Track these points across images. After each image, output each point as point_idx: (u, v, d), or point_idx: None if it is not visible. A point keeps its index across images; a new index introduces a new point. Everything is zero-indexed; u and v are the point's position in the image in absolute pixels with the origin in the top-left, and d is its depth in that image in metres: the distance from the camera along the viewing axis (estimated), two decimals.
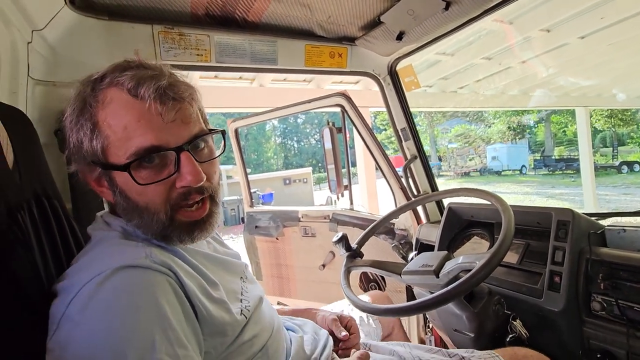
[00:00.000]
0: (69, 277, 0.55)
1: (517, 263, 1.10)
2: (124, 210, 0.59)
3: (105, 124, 0.54)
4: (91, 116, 0.55)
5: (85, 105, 0.55)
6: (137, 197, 0.57)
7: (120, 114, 0.54)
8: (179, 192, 0.58)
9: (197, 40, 1.07)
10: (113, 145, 0.55)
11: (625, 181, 13.79)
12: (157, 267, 0.53)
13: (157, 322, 0.48)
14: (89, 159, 0.57)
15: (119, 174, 0.56)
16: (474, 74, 5.62)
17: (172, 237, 0.59)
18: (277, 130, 34.56)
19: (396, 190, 1.65)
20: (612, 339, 0.86)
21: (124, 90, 0.54)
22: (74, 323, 0.48)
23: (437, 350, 0.92)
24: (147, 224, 0.58)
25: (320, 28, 1.21)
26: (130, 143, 0.54)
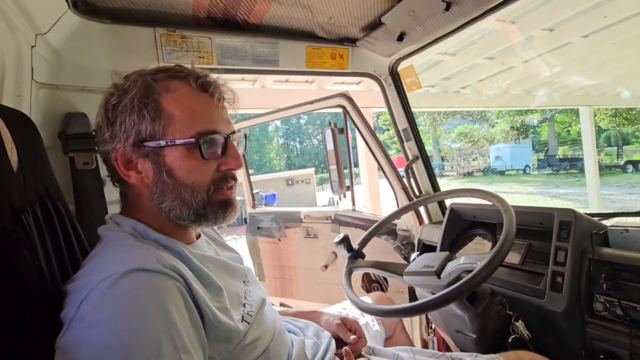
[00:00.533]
0: (79, 278, 0.56)
1: (519, 263, 1.10)
2: (160, 191, 0.62)
3: (170, 106, 0.61)
4: (156, 99, 0.61)
5: (150, 89, 0.61)
6: (185, 174, 0.62)
7: (188, 100, 0.62)
8: (221, 174, 0.65)
9: (198, 42, 1.08)
10: (175, 125, 0.61)
11: (630, 181, 13.68)
12: (167, 272, 0.54)
13: (164, 328, 0.49)
14: (141, 136, 0.60)
15: (172, 153, 0.61)
16: (477, 73, 5.60)
17: (209, 214, 0.64)
18: (279, 131, 34.61)
19: (398, 191, 1.65)
20: (615, 339, 0.86)
21: (190, 83, 0.63)
22: (84, 325, 0.48)
23: (441, 355, 0.92)
24: (185, 203, 0.62)
25: (321, 29, 1.22)
26: (195, 124, 0.61)
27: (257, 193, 9.72)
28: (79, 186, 0.91)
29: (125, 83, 0.63)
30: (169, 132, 0.61)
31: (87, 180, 0.92)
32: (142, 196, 0.65)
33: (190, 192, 0.62)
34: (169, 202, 0.62)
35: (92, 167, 0.92)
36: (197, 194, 0.62)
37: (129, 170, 0.63)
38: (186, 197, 0.62)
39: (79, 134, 0.90)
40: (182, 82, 0.63)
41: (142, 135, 0.60)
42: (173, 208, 0.62)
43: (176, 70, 0.64)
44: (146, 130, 0.60)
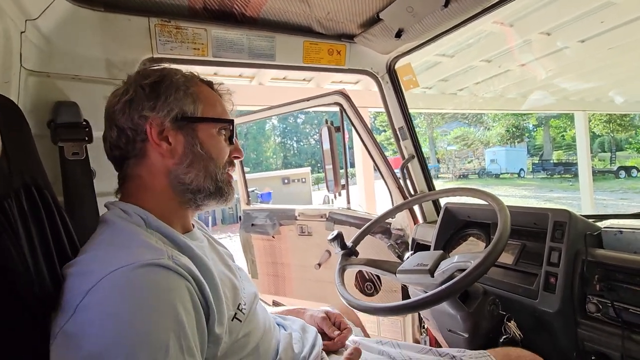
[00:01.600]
0: (84, 263, 0.55)
1: (513, 264, 1.10)
2: (190, 161, 0.67)
3: (203, 96, 0.71)
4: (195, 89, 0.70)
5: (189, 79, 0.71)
6: (213, 149, 0.70)
7: (212, 97, 0.74)
8: (230, 159, 0.75)
9: (194, 34, 1.06)
10: (209, 111, 0.71)
11: (622, 186, 13.84)
12: (178, 270, 0.54)
13: (173, 328, 0.48)
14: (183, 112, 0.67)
15: (204, 129, 0.70)
16: (474, 76, 5.62)
17: (223, 188, 0.72)
18: (276, 129, 34.55)
19: (393, 190, 1.65)
20: (607, 341, 0.85)
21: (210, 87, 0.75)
22: (92, 314, 0.47)
23: (428, 350, 0.92)
24: (208, 174, 0.69)
25: (319, 25, 1.20)
26: (220, 114, 0.73)
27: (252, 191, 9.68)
28: (68, 177, 0.89)
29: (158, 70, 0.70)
30: (204, 113, 0.70)
31: (77, 171, 0.90)
32: (155, 171, 0.66)
33: (214, 165, 0.70)
34: (195, 171, 0.67)
35: (82, 157, 0.90)
36: (218, 168, 0.70)
37: (160, 140, 0.66)
38: (211, 168, 0.69)
39: (68, 123, 0.88)
40: (203, 85, 0.74)
41: (185, 110, 0.67)
42: (196, 178, 0.68)
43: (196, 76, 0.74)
44: (189, 107, 0.68)
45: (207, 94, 0.72)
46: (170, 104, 0.66)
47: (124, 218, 0.61)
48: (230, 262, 0.79)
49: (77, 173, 0.90)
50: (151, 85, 0.66)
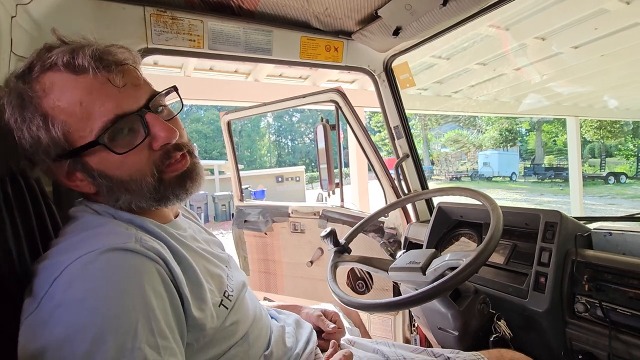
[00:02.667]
0: (52, 256, 0.53)
1: (504, 263, 1.11)
2: (109, 192, 0.57)
3: (56, 110, 0.51)
4: (36, 108, 0.52)
5: (24, 99, 0.52)
6: (119, 171, 0.55)
7: (69, 94, 0.51)
8: (159, 153, 0.58)
9: (190, 25, 1.05)
10: (74, 128, 0.52)
11: (611, 192, 14.07)
12: (147, 253, 0.52)
13: (141, 310, 0.47)
14: (53, 154, 0.54)
15: (92, 156, 0.54)
16: (469, 79, 5.66)
17: (168, 195, 0.59)
18: (271, 128, 34.43)
19: (387, 189, 1.65)
20: (595, 340, 0.86)
21: (60, 70, 0.52)
22: (55, 302, 0.46)
23: (422, 350, 0.92)
24: (138, 194, 0.57)
25: (316, 20, 1.20)
26: (93, 119, 0.52)
27: (246, 189, 9.62)
28: None
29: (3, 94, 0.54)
30: (71, 138, 0.53)
31: None
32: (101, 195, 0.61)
33: (135, 184, 0.56)
34: (123, 198, 0.57)
35: None
36: (142, 182, 0.56)
37: (72, 181, 0.58)
38: (134, 189, 0.56)
39: None
40: (54, 72, 0.52)
41: (50, 151, 0.53)
42: (130, 201, 0.58)
43: (43, 58, 0.53)
44: (49, 145, 0.52)
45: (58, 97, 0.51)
46: (34, 151, 0.53)
47: (91, 212, 0.60)
48: (218, 250, 0.77)
49: None
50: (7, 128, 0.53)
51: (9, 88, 0.54)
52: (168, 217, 0.68)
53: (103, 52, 0.54)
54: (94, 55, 0.53)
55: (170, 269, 0.54)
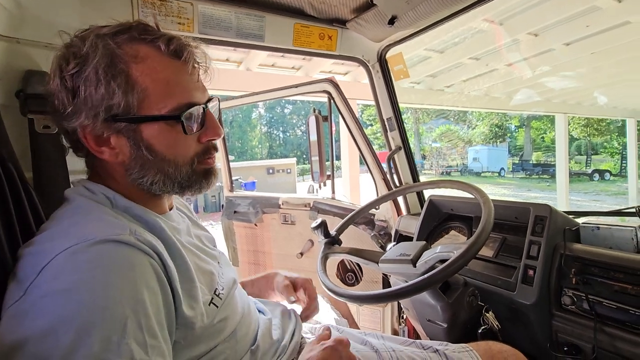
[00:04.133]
0: (40, 242, 0.51)
1: (493, 257, 1.11)
2: (143, 166, 0.58)
3: (143, 77, 0.55)
4: (124, 69, 0.54)
5: (114, 57, 0.54)
6: (167, 150, 0.58)
7: (161, 70, 0.56)
8: (203, 146, 0.62)
9: (179, 7, 1.01)
10: (151, 98, 0.55)
11: (596, 188, 14.41)
12: (141, 246, 0.50)
13: (131, 305, 0.45)
14: (114, 112, 0.54)
15: (149, 128, 0.56)
16: (462, 73, 5.68)
17: (194, 185, 0.62)
18: (263, 119, 34.13)
19: (378, 181, 1.64)
20: (580, 333, 0.88)
21: (162, 49, 0.56)
22: (40, 292, 0.44)
23: (411, 342, 0.92)
24: (168, 177, 0.59)
25: (311, 7, 1.17)
26: (171, 98, 0.56)
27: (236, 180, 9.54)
28: (38, 152, 0.84)
29: (81, 46, 0.54)
30: (144, 106, 0.55)
31: (48, 146, 0.84)
32: (115, 169, 0.60)
33: (174, 167, 0.59)
34: (151, 176, 0.58)
35: (54, 131, 0.84)
36: (182, 167, 0.59)
37: (100, 146, 0.57)
38: (170, 171, 0.59)
39: (40, 94, 0.82)
40: (150, 47, 0.56)
41: (114, 110, 0.54)
42: (156, 182, 0.59)
43: (141, 31, 0.56)
44: (119, 105, 0.54)
45: (153, 71, 0.55)
46: (95, 104, 0.53)
47: (87, 196, 0.57)
48: (211, 246, 0.76)
49: (48, 148, 0.84)
50: (72, 78, 0.53)
51: (95, 42, 0.54)
52: (164, 208, 0.67)
53: (194, 50, 0.61)
54: (190, 50, 0.59)
55: (165, 264, 0.53)
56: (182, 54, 0.58)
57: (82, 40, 0.55)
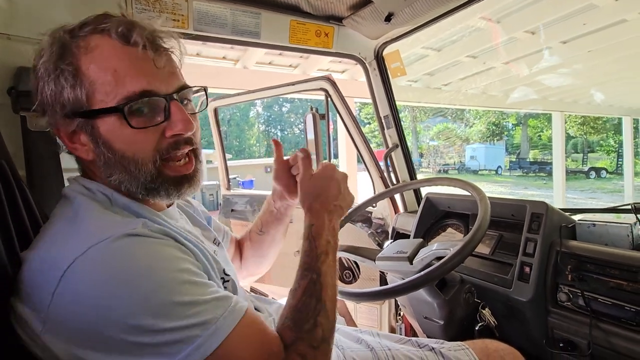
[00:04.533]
0: (49, 245, 0.50)
1: (490, 254, 1.12)
2: (105, 164, 0.55)
3: (91, 68, 0.52)
4: (73, 62, 0.52)
5: (65, 51, 0.52)
6: (125, 146, 0.54)
7: (109, 58, 0.52)
8: (169, 141, 0.56)
9: (174, 4, 1.00)
10: (100, 90, 0.52)
11: (592, 186, 14.49)
12: (156, 235, 0.51)
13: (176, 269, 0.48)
14: (67, 108, 0.53)
15: (104, 123, 0.53)
16: (459, 72, 5.68)
17: (160, 190, 0.57)
18: (260, 117, 34.05)
19: (376, 179, 1.64)
20: (575, 329, 0.88)
21: (111, 36, 0.52)
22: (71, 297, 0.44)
23: (407, 340, 0.92)
24: (132, 177, 0.55)
25: (307, 3, 1.16)
26: (121, 87, 0.52)
27: (234, 179, 9.50)
28: (30, 149, 0.83)
29: (42, 45, 0.54)
30: (95, 100, 0.52)
31: (41, 144, 0.83)
32: (95, 168, 0.58)
33: (134, 165, 0.54)
34: (117, 175, 0.55)
35: (47, 129, 0.83)
36: (143, 166, 0.55)
37: (73, 143, 0.56)
38: (132, 170, 0.55)
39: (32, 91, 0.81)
40: (102, 36, 0.52)
41: (67, 106, 0.52)
42: (122, 181, 0.56)
43: (98, 22, 0.53)
44: (68, 100, 0.52)
45: (98, 57, 0.51)
46: (51, 100, 0.52)
47: (87, 195, 0.56)
48: (210, 244, 0.75)
49: (41, 146, 0.83)
50: (35, 75, 0.53)
51: (54, 37, 0.53)
52: (161, 206, 0.66)
53: (158, 35, 0.55)
54: (149, 36, 0.54)
55: (182, 244, 0.54)
56: (131, 37, 0.52)
57: (49, 37, 0.54)
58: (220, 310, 0.48)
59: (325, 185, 0.72)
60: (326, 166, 0.74)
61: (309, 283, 0.59)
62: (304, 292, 0.58)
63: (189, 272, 0.50)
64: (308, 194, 0.73)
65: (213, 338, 0.46)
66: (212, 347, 0.45)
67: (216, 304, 0.48)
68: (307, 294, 0.58)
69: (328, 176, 0.73)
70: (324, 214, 0.69)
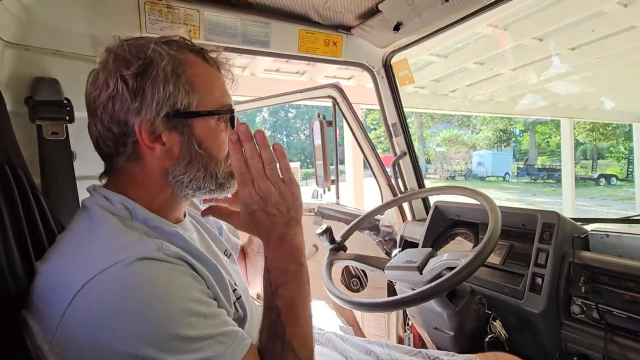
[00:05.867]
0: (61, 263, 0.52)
1: (500, 264, 1.10)
2: (189, 162, 0.61)
3: (196, 79, 0.60)
4: (184, 72, 0.59)
5: (178, 61, 0.59)
6: (214, 146, 0.62)
7: (207, 75, 0.63)
8: None
9: (186, 14, 1.02)
10: (204, 98, 0.61)
11: (602, 193, 14.26)
12: (172, 260, 0.52)
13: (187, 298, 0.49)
14: (175, 108, 0.58)
15: (200, 124, 0.61)
16: (466, 78, 5.67)
17: (226, 184, 0.65)
18: (267, 123, 34.23)
19: (383, 187, 1.64)
20: (590, 342, 0.86)
21: (204, 58, 0.63)
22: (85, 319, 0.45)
23: (417, 352, 0.91)
24: (208, 173, 0.62)
25: (316, 13, 1.17)
26: (218, 99, 0.63)
27: None
28: (45, 158, 0.84)
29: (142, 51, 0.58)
30: (199, 104, 0.61)
31: (55, 152, 0.85)
32: (150, 171, 0.60)
33: (215, 163, 0.63)
34: (194, 172, 0.61)
35: (62, 137, 0.85)
36: (221, 164, 0.64)
37: (153, 142, 0.58)
38: (212, 167, 0.62)
39: (48, 101, 0.83)
40: (196, 56, 0.63)
41: (178, 106, 0.59)
42: (196, 179, 0.62)
43: (186, 42, 0.63)
44: (181, 102, 0.59)
45: (203, 76, 0.61)
46: (160, 102, 0.57)
47: (106, 208, 0.57)
48: (222, 256, 0.75)
49: (55, 154, 0.85)
50: (135, 78, 0.56)
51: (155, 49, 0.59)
52: (179, 217, 0.68)
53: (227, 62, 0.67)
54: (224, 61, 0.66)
55: (196, 270, 0.55)
56: (222, 65, 0.65)
57: (139, 45, 0.59)
58: (223, 347, 0.49)
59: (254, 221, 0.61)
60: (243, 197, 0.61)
61: (270, 324, 0.58)
62: (268, 336, 0.58)
63: (199, 303, 0.50)
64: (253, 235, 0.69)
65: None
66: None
67: (221, 340, 0.49)
68: (271, 337, 0.57)
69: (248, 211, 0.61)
70: (273, 240, 0.62)
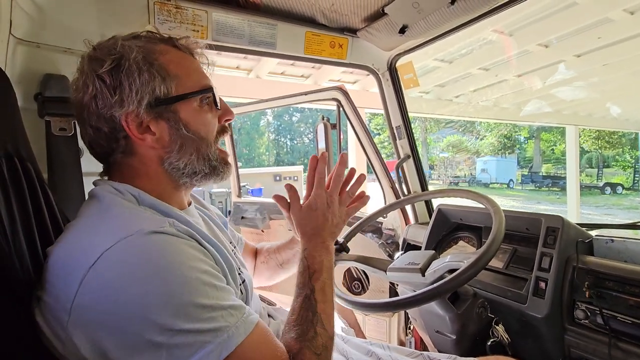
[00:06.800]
0: (76, 239, 0.53)
1: (503, 268, 1.10)
2: (180, 147, 0.62)
3: (171, 66, 0.61)
4: (156, 60, 0.60)
5: (148, 51, 0.60)
6: (202, 127, 0.63)
7: (182, 60, 0.63)
8: (221, 126, 0.69)
9: (194, 15, 1.03)
10: (181, 82, 0.62)
11: (607, 202, 14.13)
12: (183, 235, 0.54)
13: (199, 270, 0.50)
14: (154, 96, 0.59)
15: (185, 108, 0.62)
16: (471, 84, 5.67)
17: (218, 168, 0.67)
18: (271, 126, 34.35)
19: (387, 189, 1.64)
20: (594, 348, 0.85)
21: (175, 46, 0.64)
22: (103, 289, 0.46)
23: (419, 354, 0.90)
24: (201, 155, 0.64)
25: (322, 16, 1.19)
26: (197, 82, 0.64)
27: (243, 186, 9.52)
28: (53, 153, 0.85)
29: (112, 48, 0.59)
30: (178, 89, 0.61)
31: (63, 148, 0.86)
32: (147, 161, 0.62)
33: (206, 145, 0.64)
34: (187, 156, 0.63)
35: (70, 134, 0.86)
36: (210, 146, 0.65)
37: (142, 133, 0.60)
38: (203, 149, 0.64)
39: (57, 97, 0.84)
40: (167, 44, 0.64)
41: (157, 93, 0.59)
42: (190, 162, 0.63)
43: (154, 35, 0.65)
44: (160, 88, 0.60)
45: (176, 61, 0.62)
46: (139, 92, 0.58)
47: (115, 194, 0.58)
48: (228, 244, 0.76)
49: (63, 150, 0.86)
50: (110, 74, 0.57)
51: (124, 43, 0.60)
52: (184, 204, 0.69)
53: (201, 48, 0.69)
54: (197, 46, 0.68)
55: (205, 247, 0.56)
56: (193, 50, 0.67)
57: (109, 45, 0.60)
58: (235, 318, 0.50)
59: (312, 216, 0.78)
60: (315, 196, 0.80)
61: (304, 298, 0.64)
62: (301, 307, 0.63)
63: (211, 275, 0.51)
64: (300, 225, 0.79)
65: (224, 345, 0.47)
66: (223, 355, 0.46)
67: (232, 312, 0.50)
68: (304, 308, 0.63)
69: (313, 207, 0.78)
70: (316, 238, 0.75)
